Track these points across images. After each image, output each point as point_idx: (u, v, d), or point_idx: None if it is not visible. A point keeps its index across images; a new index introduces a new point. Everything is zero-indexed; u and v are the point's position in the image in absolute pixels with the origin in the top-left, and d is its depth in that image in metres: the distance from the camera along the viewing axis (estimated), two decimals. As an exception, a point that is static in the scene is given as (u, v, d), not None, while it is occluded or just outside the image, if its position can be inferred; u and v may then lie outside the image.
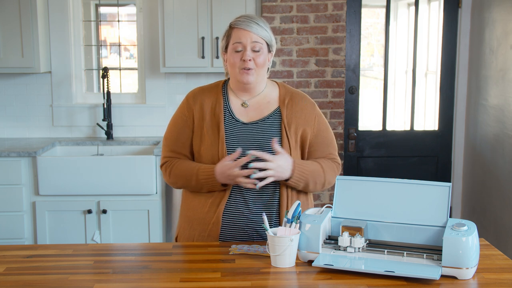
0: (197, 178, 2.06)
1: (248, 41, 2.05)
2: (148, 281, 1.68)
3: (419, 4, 4.32)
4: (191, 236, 2.13)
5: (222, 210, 2.07)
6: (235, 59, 2.07)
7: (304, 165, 2.07)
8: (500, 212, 3.85)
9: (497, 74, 3.83)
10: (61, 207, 3.69)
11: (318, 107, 2.22)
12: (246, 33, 2.05)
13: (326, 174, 2.13)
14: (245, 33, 2.05)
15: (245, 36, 2.05)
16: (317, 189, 2.15)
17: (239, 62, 2.06)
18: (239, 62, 2.06)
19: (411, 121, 4.44)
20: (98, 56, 4.51)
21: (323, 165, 2.13)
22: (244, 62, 2.05)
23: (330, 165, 2.16)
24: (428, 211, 1.78)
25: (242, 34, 2.05)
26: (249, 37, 2.05)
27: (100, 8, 4.61)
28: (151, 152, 3.94)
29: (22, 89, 4.22)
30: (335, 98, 4.20)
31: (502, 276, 1.71)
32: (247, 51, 2.04)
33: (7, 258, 1.86)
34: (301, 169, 2.06)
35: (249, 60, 2.05)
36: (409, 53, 4.56)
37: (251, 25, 2.05)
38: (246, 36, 2.05)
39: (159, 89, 4.26)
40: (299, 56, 4.16)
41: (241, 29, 2.05)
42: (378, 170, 4.41)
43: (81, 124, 4.25)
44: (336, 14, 4.12)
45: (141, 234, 3.74)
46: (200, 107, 2.14)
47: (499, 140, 3.83)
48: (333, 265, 1.71)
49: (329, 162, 2.16)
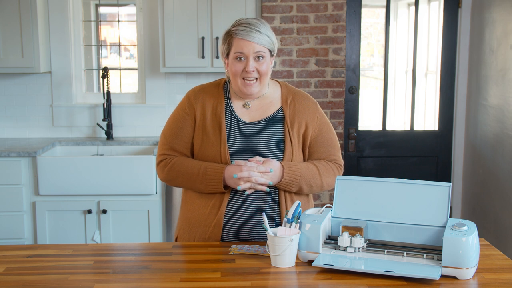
0: (205, 172, 2.03)
1: (251, 51, 2.00)
2: (148, 281, 1.68)
3: (419, 4, 4.32)
4: (191, 237, 2.12)
5: (224, 212, 2.06)
6: (237, 68, 2.03)
7: (295, 168, 2.05)
8: (500, 212, 3.85)
9: (497, 74, 3.83)
10: (61, 207, 3.69)
11: (320, 107, 2.20)
12: (248, 44, 2.00)
13: (323, 177, 2.11)
14: (247, 43, 2.00)
15: (247, 46, 2.00)
16: (314, 191, 2.14)
17: (242, 72, 2.03)
18: (242, 72, 2.03)
19: (411, 121, 4.44)
20: (98, 56, 4.51)
21: (320, 168, 2.11)
22: (247, 73, 2.02)
23: (328, 167, 2.13)
24: (428, 211, 1.78)
25: (244, 44, 2.00)
26: (251, 47, 2.00)
27: (100, 8, 4.61)
28: (151, 152, 3.94)
29: (22, 89, 4.22)
30: (335, 98, 4.20)
31: (502, 276, 1.71)
32: (250, 61, 2.01)
33: (7, 258, 1.86)
34: (291, 172, 2.04)
35: (252, 71, 2.02)
36: (409, 53, 4.56)
37: (252, 35, 2.00)
38: (248, 46, 2.00)
39: (159, 89, 4.26)
40: (299, 56, 4.16)
41: (242, 40, 2.00)
42: (378, 170, 4.41)
43: (81, 124, 4.25)
44: (336, 14, 4.12)
45: (141, 234, 3.73)
46: (201, 106, 2.12)
47: (499, 140, 3.83)
48: (333, 265, 1.71)
49: (328, 164, 2.14)
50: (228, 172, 2.01)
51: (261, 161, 2.01)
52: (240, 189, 2.00)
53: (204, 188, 2.06)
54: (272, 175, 2.01)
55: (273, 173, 2.01)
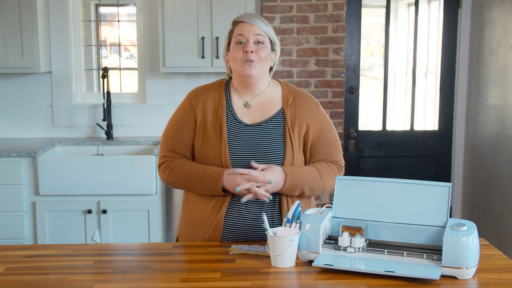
0: (203, 176, 2.04)
1: (251, 33, 2.04)
2: (148, 281, 1.68)
3: (419, 4, 4.32)
4: (191, 238, 2.12)
5: (224, 213, 2.05)
6: (237, 52, 2.05)
7: (297, 174, 2.05)
8: (500, 212, 3.85)
9: (497, 74, 3.83)
10: (61, 207, 3.69)
11: (322, 108, 2.19)
12: (249, 26, 2.05)
13: (324, 180, 2.10)
14: (247, 26, 2.05)
15: (247, 29, 2.05)
16: (315, 194, 2.13)
17: (242, 55, 2.04)
18: (242, 55, 2.04)
19: (411, 121, 4.44)
20: (98, 56, 4.51)
21: (322, 171, 2.10)
22: (246, 54, 2.03)
23: (330, 169, 2.12)
24: (428, 211, 1.78)
25: (244, 27, 2.05)
26: (251, 30, 2.05)
27: (100, 8, 4.61)
28: (151, 152, 3.94)
29: (22, 89, 4.22)
30: (335, 98, 4.20)
31: (502, 276, 1.70)
32: (250, 42, 2.04)
33: (7, 258, 1.86)
34: (293, 179, 2.03)
35: (252, 52, 2.03)
36: (409, 53, 4.56)
37: (253, 19, 2.06)
38: (249, 29, 2.05)
39: (159, 89, 4.26)
40: (299, 56, 4.16)
41: (244, 23, 2.06)
42: (378, 170, 4.41)
43: (81, 124, 4.25)
44: (336, 14, 4.12)
45: (141, 234, 3.74)
46: (202, 107, 2.11)
47: (499, 140, 3.83)
48: (333, 265, 1.71)
49: (329, 166, 2.13)
50: (229, 178, 2.00)
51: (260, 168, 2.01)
52: (244, 201, 2.00)
53: (204, 191, 2.06)
54: (275, 182, 2.00)
55: (276, 179, 2.00)
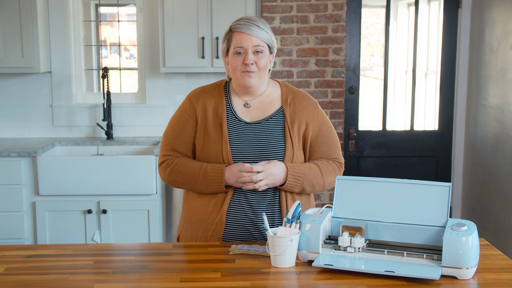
0: (205, 173, 2.05)
1: (250, 45, 2.04)
2: (148, 281, 1.68)
3: (419, 4, 4.32)
4: (193, 236, 2.12)
5: (226, 210, 2.07)
6: (236, 62, 2.06)
7: (298, 170, 2.08)
8: (500, 212, 3.85)
9: (497, 74, 3.83)
10: (61, 207, 3.69)
11: (320, 107, 2.22)
12: (247, 37, 2.04)
13: (325, 177, 2.13)
14: (246, 37, 2.04)
15: (246, 40, 2.04)
16: (316, 191, 2.16)
17: (241, 66, 2.06)
18: (241, 66, 2.06)
19: (411, 121, 4.44)
20: (98, 56, 4.51)
21: (322, 168, 2.13)
22: (246, 66, 2.05)
23: (330, 166, 2.15)
24: (428, 211, 1.78)
25: (243, 38, 2.04)
26: (250, 41, 2.04)
27: (100, 8, 4.61)
28: (151, 152, 3.94)
29: (22, 89, 4.22)
30: (335, 98, 4.20)
31: (502, 276, 1.71)
32: (249, 54, 2.04)
33: (7, 258, 1.86)
34: (295, 174, 2.06)
35: (251, 64, 2.05)
36: (409, 53, 4.56)
37: (251, 28, 2.04)
38: (247, 40, 2.04)
39: (159, 89, 4.26)
40: (299, 56, 4.16)
41: (242, 33, 2.05)
42: (378, 170, 4.41)
43: (81, 124, 4.25)
44: (336, 14, 4.12)
45: (141, 234, 3.73)
46: (202, 106, 2.14)
47: (499, 140, 3.83)
48: (333, 265, 1.71)
49: (330, 163, 2.16)
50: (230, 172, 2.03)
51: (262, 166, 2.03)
52: (245, 188, 2.03)
53: (205, 189, 2.08)
54: (276, 177, 2.03)
55: (277, 173, 2.03)
